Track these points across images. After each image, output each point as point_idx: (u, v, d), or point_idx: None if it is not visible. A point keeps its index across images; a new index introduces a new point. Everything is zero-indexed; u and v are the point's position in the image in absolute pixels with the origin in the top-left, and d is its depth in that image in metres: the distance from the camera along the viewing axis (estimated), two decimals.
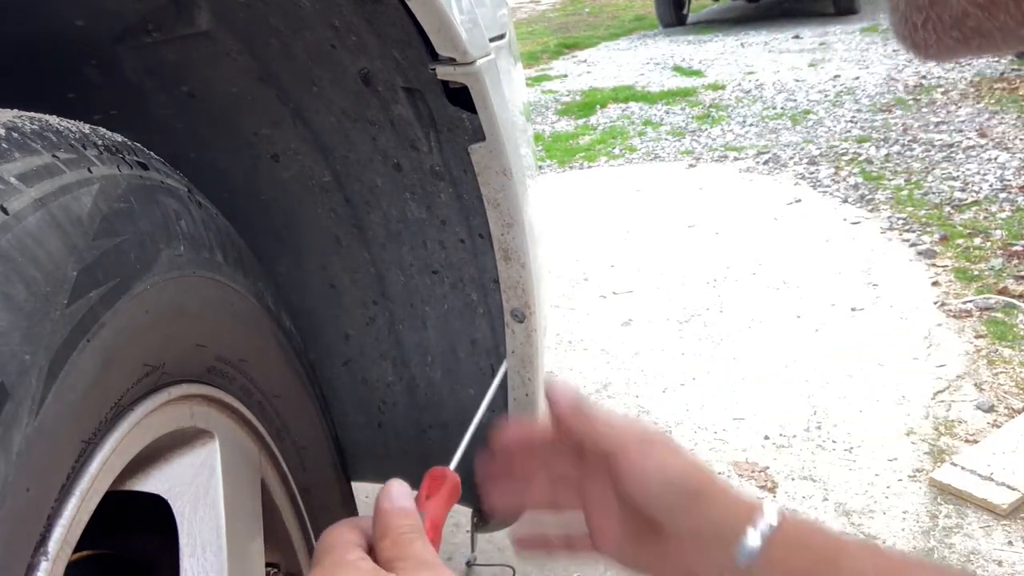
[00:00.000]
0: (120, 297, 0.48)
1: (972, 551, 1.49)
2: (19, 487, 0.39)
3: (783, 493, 1.69)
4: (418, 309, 0.98)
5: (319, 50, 0.77)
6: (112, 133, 0.57)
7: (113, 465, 0.50)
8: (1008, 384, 1.97)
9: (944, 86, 4.64)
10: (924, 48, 0.31)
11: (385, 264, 0.95)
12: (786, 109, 4.68)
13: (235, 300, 0.66)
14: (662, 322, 2.47)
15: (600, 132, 4.70)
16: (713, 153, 4.10)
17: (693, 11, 8.32)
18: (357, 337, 1.02)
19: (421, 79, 0.77)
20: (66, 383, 0.42)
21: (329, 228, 0.93)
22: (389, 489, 0.52)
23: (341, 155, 0.87)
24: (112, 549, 0.65)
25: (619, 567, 0.61)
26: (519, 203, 0.84)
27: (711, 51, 6.58)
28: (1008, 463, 1.66)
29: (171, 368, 0.57)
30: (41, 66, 0.76)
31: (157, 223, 0.54)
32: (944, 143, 3.73)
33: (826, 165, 3.70)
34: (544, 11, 10.30)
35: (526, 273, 0.88)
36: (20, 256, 0.40)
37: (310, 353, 0.86)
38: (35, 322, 0.40)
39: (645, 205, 3.50)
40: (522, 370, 0.96)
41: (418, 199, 0.89)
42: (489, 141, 0.79)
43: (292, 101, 0.82)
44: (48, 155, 0.46)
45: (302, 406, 0.83)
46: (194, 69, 0.79)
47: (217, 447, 0.64)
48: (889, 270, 2.64)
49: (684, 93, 5.30)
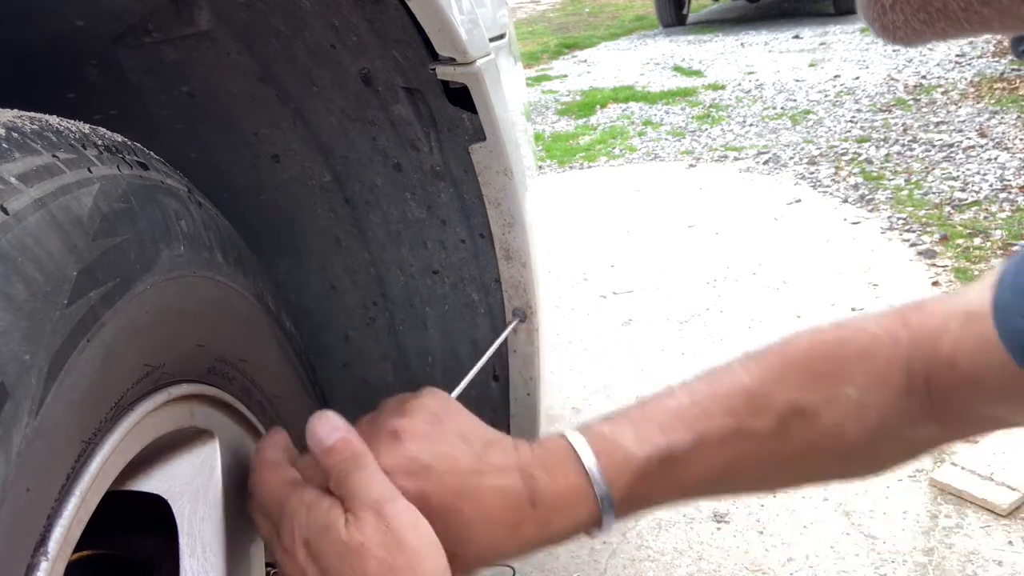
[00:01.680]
0: (120, 297, 0.48)
1: (972, 551, 1.49)
2: (19, 487, 0.39)
3: (783, 493, 1.69)
4: (418, 309, 0.98)
5: (319, 50, 0.77)
6: (112, 133, 0.56)
7: (113, 465, 0.50)
8: None
9: (944, 86, 4.64)
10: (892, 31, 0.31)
11: (385, 264, 0.95)
12: (786, 109, 4.67)
13: (235, 300, 0.66)
14: (662, 322, 2.47)
15: (600, 132, 4.70)
16: (713, 153, 4.09)
17: (693, 11, 8.32)
18: (357, 338, 1.02)
19: (421, 79, 0.77)
20: (66, 383, 0.42)
21: (329, 228, 0.93)
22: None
23: (341, 155, 0.87)
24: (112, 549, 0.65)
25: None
26: (520, 203, 0.84)
27: (711, 51, 6.58)
28: (1008, 463, 1.66)
29: (171, 368, 0.57)
30: (41, 66, 0.76)
31: (157, 223, 0.54)
32: (944, 143, 3.73)
33: (826, 165, 3.70)
34: (544, 11, 10.30)
35: (527, 273, 0.88)
36: (20, 256, 0.40)
37: (310, 353, 0.86)
38: (35, 322, 0.40)
39: (645, 205, 3.50)
40: (523, 370, 0.96)
41: (418, 199, 0.89)
42: (489, 141, 0.79)
43: (292, 101, 0.82)
44: (48, 155, 0.46)
45: (302, 406, 0.82)
46: (194, 69, 0.79)
47: (217, 447, 0.64)
48: (889, 270, 2.64)
49: (684, 93, 5.30)
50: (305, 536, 0.51)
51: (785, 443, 0.60)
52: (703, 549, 1.56)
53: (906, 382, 0.59)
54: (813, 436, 0.60)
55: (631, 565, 1.54)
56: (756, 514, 1.64)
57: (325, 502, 0.52)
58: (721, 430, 0.59)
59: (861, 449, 0.61)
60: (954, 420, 0.61)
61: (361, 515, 0.50)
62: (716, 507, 1.66)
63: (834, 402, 0.59)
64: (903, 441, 0.62)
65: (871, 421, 0.59)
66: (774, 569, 1.50)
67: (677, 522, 1.63)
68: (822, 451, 0.61)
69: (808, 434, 0.60)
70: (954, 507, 1.60)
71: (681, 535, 1.60)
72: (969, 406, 0.59)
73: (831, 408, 0.59)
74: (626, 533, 1.62)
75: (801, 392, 0.60)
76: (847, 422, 0.59)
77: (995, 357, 0.54)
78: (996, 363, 0.54)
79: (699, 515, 1.65)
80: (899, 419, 0.60)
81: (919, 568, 1.47)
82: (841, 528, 1.58)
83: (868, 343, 0.61)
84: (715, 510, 1.66)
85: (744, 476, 0.62)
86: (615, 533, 1.61)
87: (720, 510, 1.66)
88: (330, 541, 0.50)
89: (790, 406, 0.59)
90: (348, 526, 0.50)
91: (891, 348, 0.60)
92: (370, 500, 0.50)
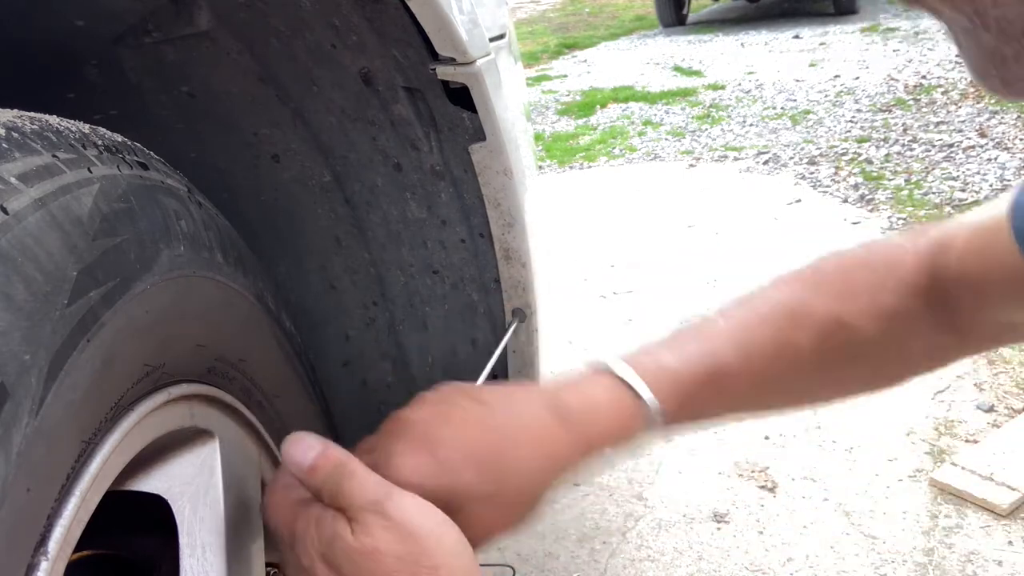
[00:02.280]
0: (120, 297, 0.48)
1: (972, 551, 1.49)
2: (19, 487, 0.39)
3: (783, 493, 1.69)
4: (418, 309, 0.98)
5: (319, 50, 0.77)
6: (112, 133, 0.56)
7: (113, 465, 0.50)
8: (1008, 384, 1.97)
9: (944, 86, 4.64)
10: (1010, 84, 0.28)
11: (385, 264, 0.95)
12: (786, 109, 4.68)
13: (235, 300, 0.66)
14: (662, 322, 2.47)
15: (600, 132, 4.70)
16: (713, 153, 4.09)
17: (693, 11, 8.31)
18: (357, 337, 1.02)
19: (421, 79, 0.77)
20: (66, 383, 0.42)
21: (329, 228, 0.93)
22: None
23: (341, 155, 0.87)
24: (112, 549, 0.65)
25: None
26: (520, 203, 0.84)
27: (711, 51, 6.58)
28: (1008, 463, 1.66)
29: (171, 368, 0.57)
30: (41, 66, 0.76)
31: (157, 223, 0.54)
32: (944, 143, 3.73)
33: (826, 165, 3.70)
34: (544, 11, 10.30)
35: (527, 273, 0.88)
36: (20, 256, 0.40)
37: (310, 353, 0.86)
38: (35, 322, 0.40)
39: (645, 205, 3.50)
40: (523, 370, 0.96)
41: (418, 199, 0.89)
42: (489, 141, 0.79)
43: (292, 101, 0.82)
44: (48, 155, 0.46)
45: (302, 406, 0.82)
46: (194, 69, 0.79)
47: (217, 447, 0.64)
48: None
49: (684, 93, 5.30)
50: (320, 551, 0.51)
51: (827, 354, 0.62)
52: (703, 549, 1.56)
53: (928, 288, 0.62)
54: (853, 345, 0.62)
55: (631, 565, 1.54)
56: (756, 514, 1.64)
57: (329, 515, 0.51)
58: (764, 343, 0.61)
59: (893, 356, 0.65)
60: (968, 327, 0.63)
61: (364, 519, 0.50)
62: (716, 507, 1.67)
63: (871, 310, 0.62)
64: (929, 348, 0.65)
65: (903, 327, 0.63)
66: (774, 569, 1.50)
67: (677, 522, 1.64)
68: (861, 360, 0.64)
69: (848, 344, 0.62)
70: (954, 507, 1.60)
71: (681, 535, 1.60)
72: (980, 311, 0.62)
73: (869, 316, 0.62)
74: (626, 533, 1.62)
75: (841, 303, 0.62)
76: (883, 329, 0.62)
77: (1005, 260, 0.57)
78: (1008, 265, 0.57)
79: (699, 515, 1.65)
80: (926, 325, 0.63)
81: (919, 568, 1.47)
82: (841, 528, 1.58)
83: (895, 252, 0.65)
84: (715, 510, 1.66)
85: (788, 389, 0.64)
86: (615, 533, 1.61)
87: (720, 510, 1.66)
88: (342, 551, 0.50)
89: (831, 317, 0.62)
90: (355, 533, 0.50)
91: (914, 256, 0.63)
92: (367, 503, 0.50)
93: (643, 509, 1.68)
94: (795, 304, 0.63)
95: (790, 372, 0.62)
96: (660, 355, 0.59)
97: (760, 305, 0.63)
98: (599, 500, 1.71)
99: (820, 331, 0.61)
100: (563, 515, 1.67)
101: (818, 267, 0.66)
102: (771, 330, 0.61)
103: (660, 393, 0.57)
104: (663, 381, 0.58)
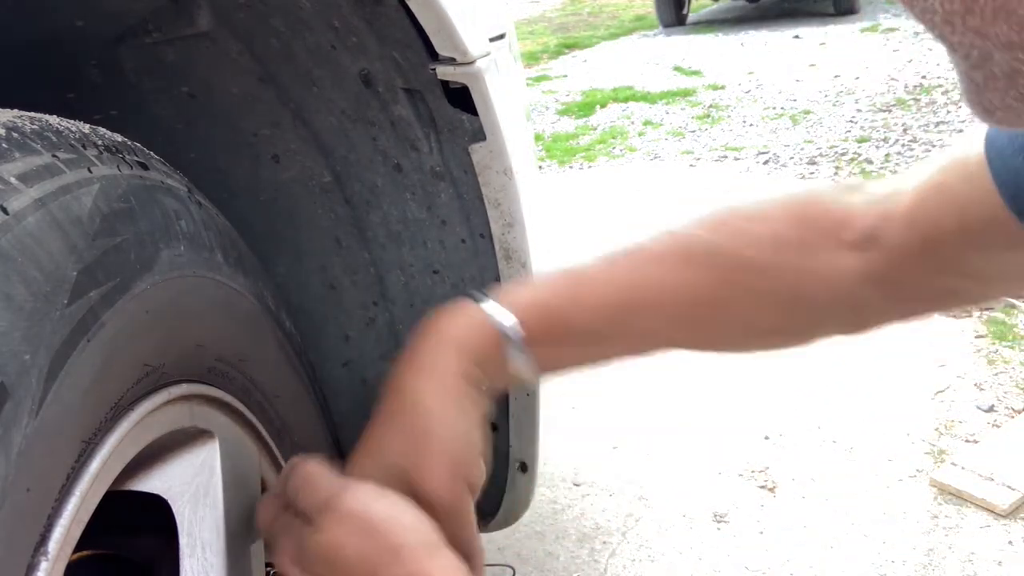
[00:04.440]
0: (120, 297, 0.48)
1: (972, 551, 1.49)
2: (19, 487, 0.39)
3: (783, 493, 1.69)
4: (419, 310, 0.98)
5: (319, 51, 0.77)
6: (112, 133, 0.57)
7: (113, 465, 0.50)
8: (1008, 384, 1.97)
9: (944, 86, 4.64)
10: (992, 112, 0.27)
11: (385, 265, 0.95)
12: (786, 109, 4.68)
13: (235, 300, 0.66)
14: None
15: (600, 132, 4.70)
16: (713, 153, 4.10)
17: (693, 11, 8.31)
18: (357, 338, 1.02)
19: (421, 79, 0.77)
20: (66, 383, 0.42)
21: (329, 229, 0.93)
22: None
23: (341, 156, 0.87)
24: (112, 549, 0.65)
25: None
26: (520, 203, 0.84)
27: (711, 51, 6.58)
28: (1008, 463, 1.66)
29: (171, 368, 0.57)
30: (41, 66, 0.76)
31: (157, 223, 0.54)
32: (944, 143, 3.73)
33: (826, 165, 3.70)
34: (544, 11, 10.30)
35: (527, 273, 0.88)
36: (20, 256, 0.40)
37: (310, 353, 0.86)
38: (35, 322, 0.40)
39: (645, 205, 3.50)
40: None
41: (418, 199, 0.89)
42: (489, 141, 0.79)
43: (292, 101, 0.82)
44: (48, 155, 0.46)
45: (302, 406, 0.83)
46: (194, 69, 0.79)
47: (217, 447, 0.64)
48: None
49: (684, 93, 5.30)
50: (294, 557, 0.54)
51: (722, 290, 0.61)
52: (703, 549, 1.56)
53: (860, 242, 0.59)
54: (756, 288, 0.61)
55: (631, 565, 1.54)
56: (756, 514, 1.64)
57: (296, 522, 0.55)
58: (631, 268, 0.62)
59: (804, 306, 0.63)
60: (896, 285, 0.60)
61: (319, 519, 0.53)
62: (716, 507, 1.67)
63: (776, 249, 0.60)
64: (853, 303, 0.63)
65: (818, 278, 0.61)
66: (774, 569, 1.50)
67: (677, 522, 1.64)
68: (766, 305, 0.62)
69: (752, 286, 0.60)
70: (954, 507, 1.60)
71: (681, 535, 1.60)
72: (929, 272, 0.58)
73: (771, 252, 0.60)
74: (626, 533, 1.62)
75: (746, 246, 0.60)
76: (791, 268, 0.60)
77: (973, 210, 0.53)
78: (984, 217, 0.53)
79: (699, 515, 1.65)
80: (849, 279, 0.60)
81: (919, 568, 1.47)
82: (841, 528, 1.58)
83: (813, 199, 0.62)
84: (715, 510, 1.66)
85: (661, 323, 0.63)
86: (615, 533, 1.61)
87: (720, 510, 1.66)
88: (308, 551, 0.53)
89: (732, 254, 0.60)
90: (315, 534, 0.53)
91: (840, 206, 0.61)
92: (320, 502, 0.53)
93: (643, 509, 1.68)
94: (691, 241, 0.61)
95: (669, 306, 0.61)
96: (523, 286, 0.62)
97: (646, 244, 0.63)
98: (599, 500, 1.71)
99: (719, 268, 0.60)
100: (563, 515, 1.67)
101: (718, 213, 0.63)
102: (650, 262, 0.61)
103: (516, 308, 0.59)
104: (522, 302, 0.60)
